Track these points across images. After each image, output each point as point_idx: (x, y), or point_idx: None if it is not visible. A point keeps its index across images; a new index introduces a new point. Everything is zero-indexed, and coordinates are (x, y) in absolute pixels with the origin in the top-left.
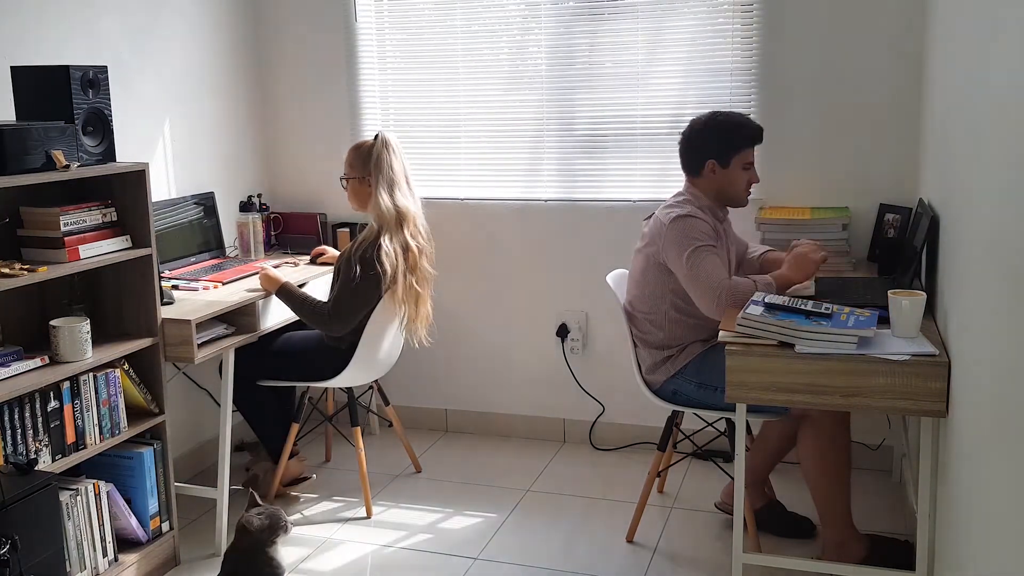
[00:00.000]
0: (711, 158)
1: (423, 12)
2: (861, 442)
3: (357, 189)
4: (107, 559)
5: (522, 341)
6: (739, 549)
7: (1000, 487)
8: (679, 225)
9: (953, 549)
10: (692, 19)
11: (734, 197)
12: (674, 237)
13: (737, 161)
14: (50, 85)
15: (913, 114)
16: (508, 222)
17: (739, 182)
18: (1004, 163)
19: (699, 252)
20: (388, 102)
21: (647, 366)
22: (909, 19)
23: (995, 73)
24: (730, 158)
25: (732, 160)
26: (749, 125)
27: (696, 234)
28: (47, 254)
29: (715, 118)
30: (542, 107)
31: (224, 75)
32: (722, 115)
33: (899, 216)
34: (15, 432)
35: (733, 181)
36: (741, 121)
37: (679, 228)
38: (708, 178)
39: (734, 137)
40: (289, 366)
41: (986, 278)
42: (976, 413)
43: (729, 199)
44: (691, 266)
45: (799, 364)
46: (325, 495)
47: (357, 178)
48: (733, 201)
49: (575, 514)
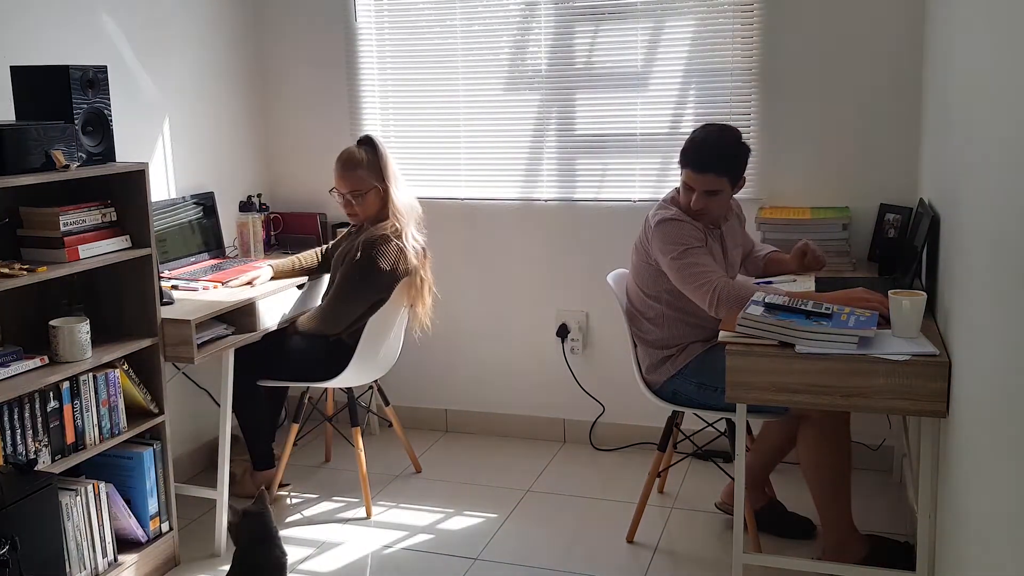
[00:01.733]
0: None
1: (423, 12)
2: (861, 442)
3: (372, 200)
4: (107, 559)
5: (522, 341)
6: (739, 549)
7: (1000, 487)
8: (665, 228)
9: (953, 549)
10: (692, 19)
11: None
12: (660, 240)
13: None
14: (50, 85)
15: (913, 114)
16: (508, 222)
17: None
18: (1004, 163)
19: (686, 254)
20: (388, 102)
21: (647, 366)
22: (909, 19)
23: (995, 73)
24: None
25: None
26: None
27: (682, 237)
28: (47, 254)
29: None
30: (542, 107)
31: (224, 75)
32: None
33: (899, 216)
34: (15, 432)
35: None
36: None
37: (664, 231)
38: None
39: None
40: (289, 366)
41: (986, 278)
42: (976, 413)
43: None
44: (680, 268)
45: (799, 364)
46: (325, 495)
47: (373, 189)
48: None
49: (575, 514)
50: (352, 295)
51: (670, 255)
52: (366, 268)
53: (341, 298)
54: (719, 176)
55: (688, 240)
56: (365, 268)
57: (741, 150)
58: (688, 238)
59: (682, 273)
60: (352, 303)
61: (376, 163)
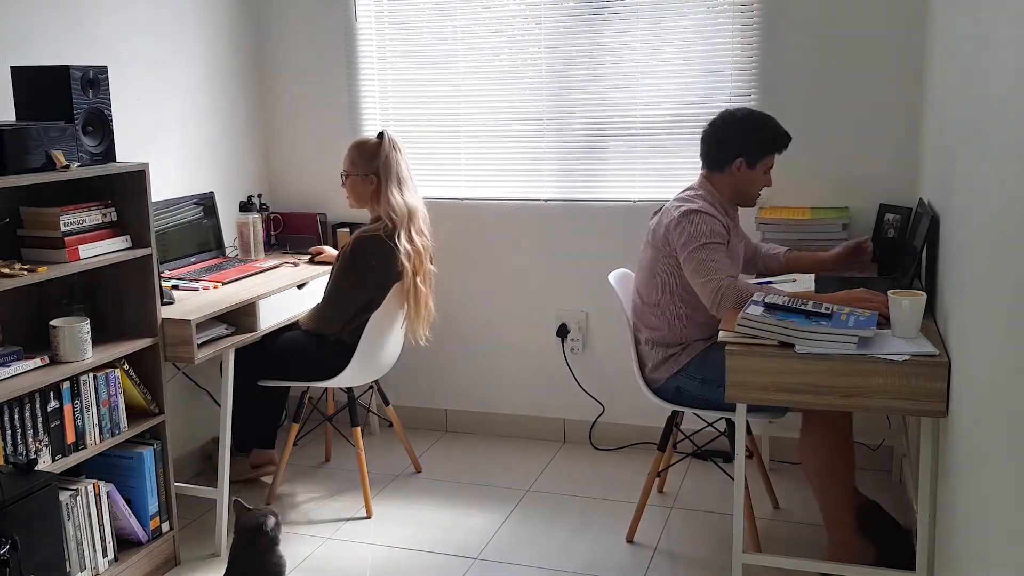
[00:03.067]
0: (741, 156)
1: (423, 12)
2: (861, 442)
3: (358, 186)
4: (107, 559)
5: (522, 341)
6: (739, 549)
7: (1000, 487)
8: (689, 219)
9: (953, 549)
10: (692, 19)
11: (748, 198)
12: (683, 231)
13: (763, 164)
14: (50, 85)
15: (913, 114)
16: (508, 222)
17: (757, 184)
18: (1004, 163)
19: (705, 248)
20: (388, 102)
21: (651, 364)
22: (909, 19)
23: (995, 73)
24: (758, 159)
25: (759, 162)
26: (784, 132)
27: (705, 231)
28: (47, 254)
29: (754, 116)
30: (542, 107)
31: (224, 75)
32: (757, 115)
33: (899, 216)
34: (15, 432)
35: (754, 183)
36: (777, 126)
37: (688, 223)
38: (732, 175)
39: (768, 139)
40: (289, 366)
41: (986, 278)
42: (976, 413)
43: (743, 199)
44: (697, 261)
45: (799, 364)
46: (325, 495)
47: (359, 175)
48: (746, 201)
49: (575, 514)
50: (343, 294)
51: (692, 245)
52: (353, 266)
53: (333, 298)
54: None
55: (711, 235)
56: (353, 266)
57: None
58: (712, 233)
59: (696, 266)
60: (343, 301)
61: (374, 154)
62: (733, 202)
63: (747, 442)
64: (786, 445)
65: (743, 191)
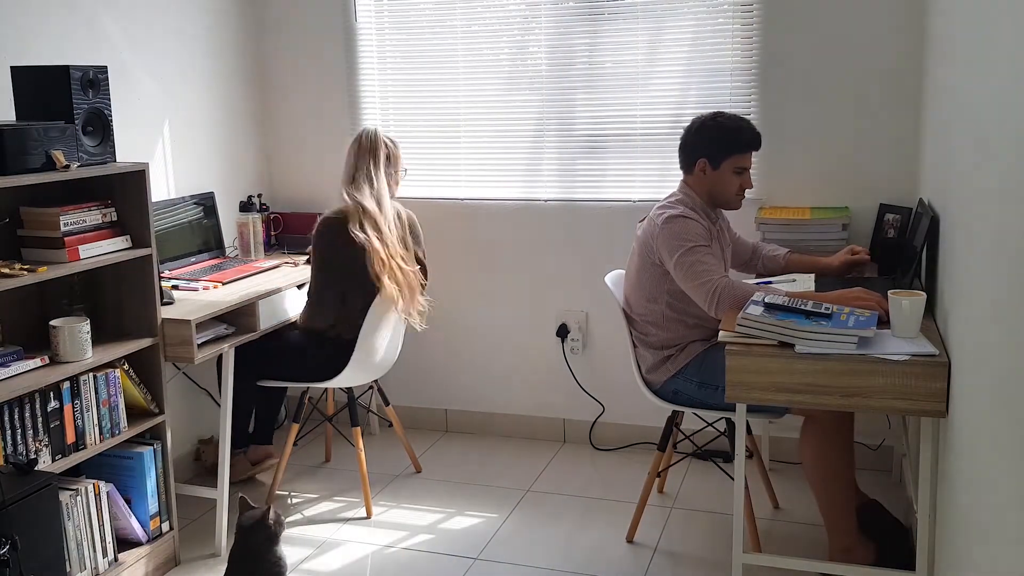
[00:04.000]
0: (702, 157)
1: (423, 12)
2: (861, 442)
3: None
4: (107, 559)
5: (522, 341)
6: (739, 549)
7: (1000, 487)
8: (671, 226)
9: (953, 549)
10: (692, 19)
11: (723, 200)
12: (667, 238)
13: (728, 164)
14: (50, 85)
15: (913, 114)
16: (508, 222)
17: (729, 185)
18: (1004, 163)
19: (692, 252)
20: (388, 102)
21: (647, 366)
22: (908, 19)
23: (995, 72)
24: (721, 160)
25: (723, 162)
26: (746, 130)
27: (688, 235)
28: (47, 254)
29: (714, 119)
30: (542, 107)
31: (224, 75)
32: (723, 117)
33: (899, 216)
34: (15, 432)
35: (723, 183)
36: (739, 125)
37: (671, 229)
38: (698, 177)
39: (728, 140)
40: (289, 366)
41: (986, 278)
42: (976, 413)
43: (719, 201)
44: (685, 266)
45: (799, 364)
46: (325, 495)
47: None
48: (723, 204)
49: (575, 514)
50: (317, 281)
51: (677, 252)
52: (315, 252)
53: (311, 288)
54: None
55: (695, 238)
56: (315, 253)
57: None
58: (695, 236)
59: (686, 271)
60: (320, 288)
61: (355, 148)
62: (711, 204)
63: (747, 442)
64: (786, 445)
65: (715, 192)
